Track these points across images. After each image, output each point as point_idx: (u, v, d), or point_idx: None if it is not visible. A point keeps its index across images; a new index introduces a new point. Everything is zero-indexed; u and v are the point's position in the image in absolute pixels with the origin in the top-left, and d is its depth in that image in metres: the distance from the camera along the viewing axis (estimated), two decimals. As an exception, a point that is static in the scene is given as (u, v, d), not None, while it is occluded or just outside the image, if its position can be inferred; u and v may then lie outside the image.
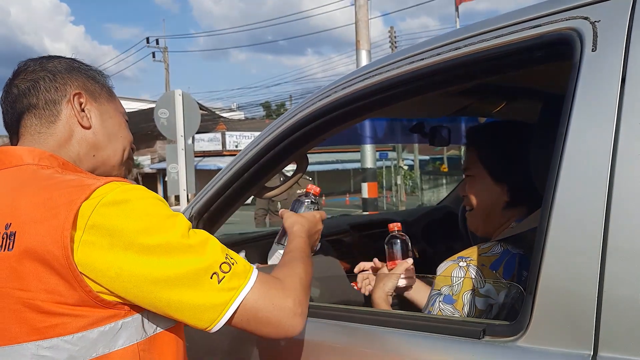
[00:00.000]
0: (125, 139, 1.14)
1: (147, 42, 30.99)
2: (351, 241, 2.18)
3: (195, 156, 7.76)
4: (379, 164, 21.10)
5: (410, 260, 1.45)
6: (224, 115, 34.51)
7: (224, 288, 0.90)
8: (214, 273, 0.89)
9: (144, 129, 28.51)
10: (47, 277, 0.83)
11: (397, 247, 1.50)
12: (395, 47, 24.28)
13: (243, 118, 36.16)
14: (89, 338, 0.85)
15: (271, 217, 5.67)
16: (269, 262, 2.01)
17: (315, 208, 1.50)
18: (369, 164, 8.71)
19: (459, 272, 1.24)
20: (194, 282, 0.88)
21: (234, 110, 36.30)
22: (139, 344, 0.89)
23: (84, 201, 0.85)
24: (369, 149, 8.54)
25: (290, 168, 4.18)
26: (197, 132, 8.56)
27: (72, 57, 1.13)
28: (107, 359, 0.86)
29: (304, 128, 1.40)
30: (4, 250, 0.85)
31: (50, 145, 1.03)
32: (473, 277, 1.22)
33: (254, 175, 1.53)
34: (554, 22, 0.98)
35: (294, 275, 1.04)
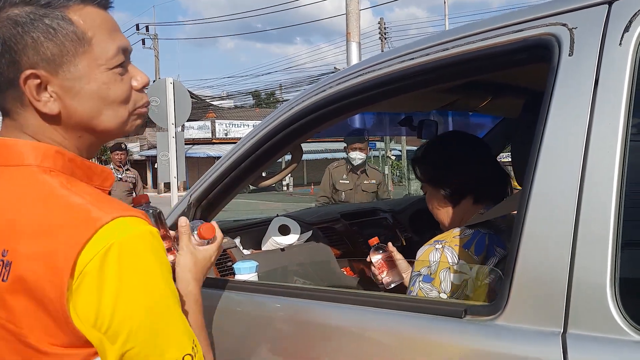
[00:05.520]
0: (117, 97, 0.88)
1: (137, 28, 30.70)
2: (342, 229, 2.26)
3: (185, 144, 7.78)
4: (368, 153, 21.15)
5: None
6: (214, 103, 34.40)
7: None
8: None
9: (132, 116, 28.27)
10: (40, 316, 0.76)
11: (381, 257, 1.72)
12: (385, 38, 24.32)
13: (232, 106, 36.06)
14: None
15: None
16: (263, 248, 2.09)
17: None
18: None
19: (435, 253, 1.37)
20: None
21: (223, 98, 36.15)
22: None
23: (86, 244, 0.76)
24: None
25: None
26: (187, 120, 8.56)
27: (23, 3, 0.81)
28: None
29: (300, 120, 1.47)
30: None
31: (30, 134, 0.86)
32: (448, 256, 1.35)
33: (252, 165, 1.59)
34: (535, 27, 1.05)
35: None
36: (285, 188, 23.35)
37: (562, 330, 0.90)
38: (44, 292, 0.75)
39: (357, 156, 4.89)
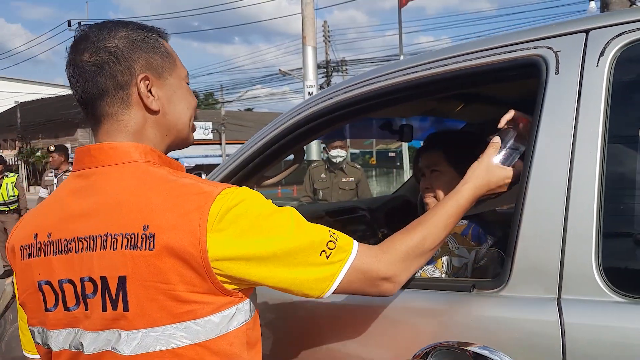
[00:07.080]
0: (191, 106, 1.15)
1: (69, 25, 29.57)
2: (327, 225, 2.43)
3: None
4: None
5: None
6: (151, 104, 33.58)
7: (332, 261, 1.04)
8: (322, 251, 1.04)
9: (64, 117, 27.34)
10: (184, 271, 0.95)
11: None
12: (329, 41, 24.71)
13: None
14: (213, 321, 0.99)
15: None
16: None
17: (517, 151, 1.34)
18: (314, 156, 8.92)
19: None
20: (308, 260, 1.03)
21: (161, 99, 35.35)
22: (247, 324, 1.04)
23: (211, 207, 0.96)
24: (314, 142, 8.75)
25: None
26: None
27: (130, 27, 1.07)
28: (224, 338, 1.00)
29: (306, 125, 1.62)
30: (145, 249, 0.96)
31: (130, 132, 1.06)
32: (448, 242, 1.54)
33: (258, 165, 1.72)
34: (525, 49, 1.26)
35: (405, 243, 1.17)
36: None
37: (556, 296, 1.11)
38: (188, 251, 0.95)
39: (338, 154, 5.00)
